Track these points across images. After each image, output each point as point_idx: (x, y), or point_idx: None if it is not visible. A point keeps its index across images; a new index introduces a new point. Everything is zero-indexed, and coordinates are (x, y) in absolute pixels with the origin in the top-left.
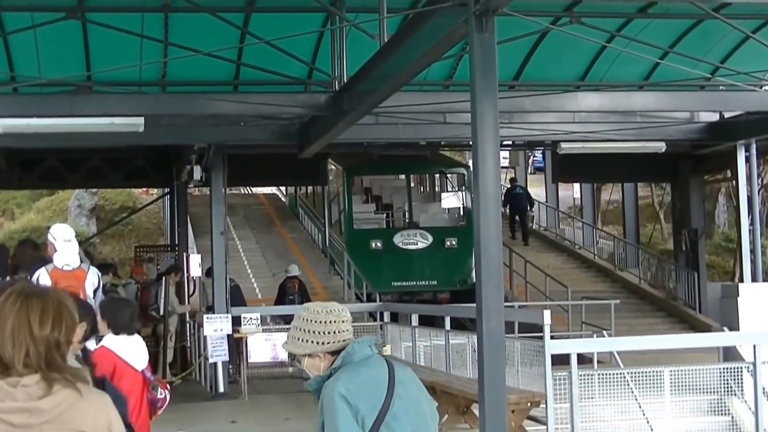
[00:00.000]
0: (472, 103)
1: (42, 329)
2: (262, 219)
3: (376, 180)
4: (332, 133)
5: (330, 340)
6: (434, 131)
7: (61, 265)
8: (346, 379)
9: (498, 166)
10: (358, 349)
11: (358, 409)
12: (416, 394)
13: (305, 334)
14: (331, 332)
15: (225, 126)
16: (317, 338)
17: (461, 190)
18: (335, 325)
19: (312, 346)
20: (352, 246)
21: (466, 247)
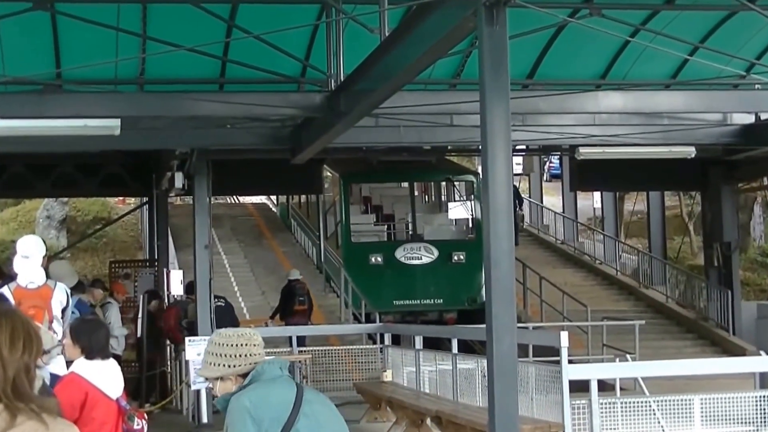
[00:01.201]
0: (482, 103)
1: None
2: (250, 231)
3: (376, 188)
4: (328, 137)
5: (241, 363)
6: (440, 135)
7: (25, 283)
8: (252, 393)
9: (510, 173)
10: (267, 368)
11: (261, 421)
12: (326, 415)
13: (217, 358)
14: (242, 355)
15: (209, 129)
16: (228, 361)
17: (470, 200)
18: (246, 348)
19: (223, 369)
20: (350, 261)
21: (476, 262)
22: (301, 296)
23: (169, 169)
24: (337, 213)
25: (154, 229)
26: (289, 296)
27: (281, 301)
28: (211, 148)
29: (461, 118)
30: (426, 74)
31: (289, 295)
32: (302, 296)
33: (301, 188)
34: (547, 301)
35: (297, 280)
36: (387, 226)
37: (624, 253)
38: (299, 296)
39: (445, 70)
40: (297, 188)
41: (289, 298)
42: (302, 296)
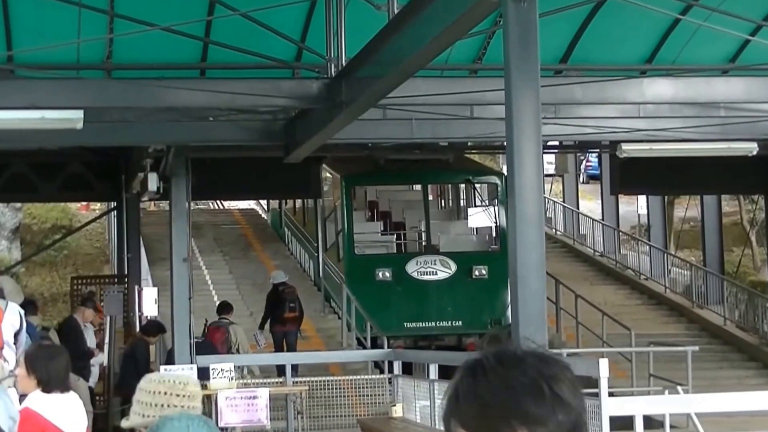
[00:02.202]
0: (507, 92)
1: None
2: (236, 242)
3: (383, 192)
4: (327, 132)
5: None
6: (458, 129)
7: None
8: None
9: (540, 174)
10: (164, 426)
11: None
12: None
13: (135, 405)
14: (157, 405)
15: (189, 122)
16: (143, 410)
17: (493, 205)
18: (164, 397)
19: (136, 418)
20: (353, 276)
21: (500, 277)
22: (292, 302)
23: (142, 169)
24: (338, 220)
25: (124, 240)
26: (277, 303)
27: (267, 307)
28: (191, 145)
29: (483, 110)
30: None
31: (276, 301)
32: (292, 302)
33: (295, 191)
34: (584, 324)
35: (285, 284)
36: (396, 236)
37: (674, 267)
38: (289, 302)
39: (464, 54)
40: (291, 191)
41: (277, 304)
42: (292, 302)
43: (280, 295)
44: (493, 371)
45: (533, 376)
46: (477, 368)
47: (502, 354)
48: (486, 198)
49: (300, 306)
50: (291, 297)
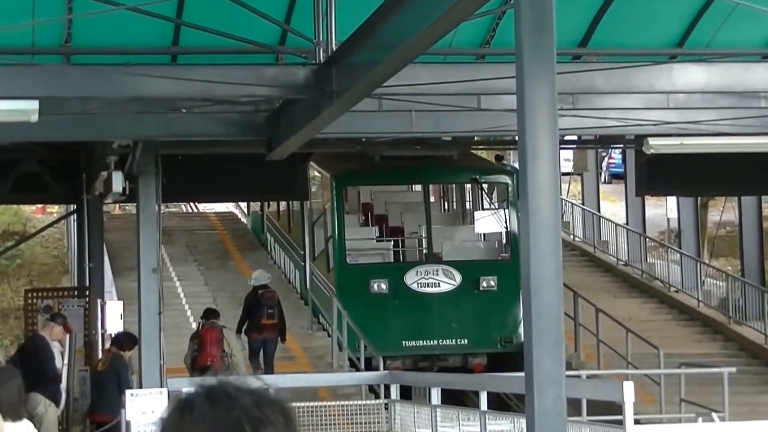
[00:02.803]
0: (519, 80)
1: None
2: (213, 249)
3: (379, 193)
4: (315, 125)
5: None
6: (463, 122)
7: None
8: None
9: (556, 173)
10: None
11: None
12: None
13: None
14: None
15: (158, 114)
16: None
17: (503, 208)
18: None
19: None
20: (345, 289)
21: (511, 289)
22: (270, 307)
23: (105, 167)
24: (328, 225)
25: (85, 248)
26: (255, 307)
27: (244, 312)
28: (161, 140)
29: (492, 100)
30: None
31: (254, 305)
32: (271, 307)
33: (279, 193)
34: (606, 342)
35: (265, 287)
36: (393, 243)
37: (708, 277)
38: (267, 307)
39: (470, 37)
40: (274, 193)
41: (254, 309)
42: (271, 307)
43: (258, 299)
44: (200, 409)
45: (238, 417)
46: (186, 404)
47: (214, 391)
48: (495, 200)
49: (280, 312)
50: (270, 302)
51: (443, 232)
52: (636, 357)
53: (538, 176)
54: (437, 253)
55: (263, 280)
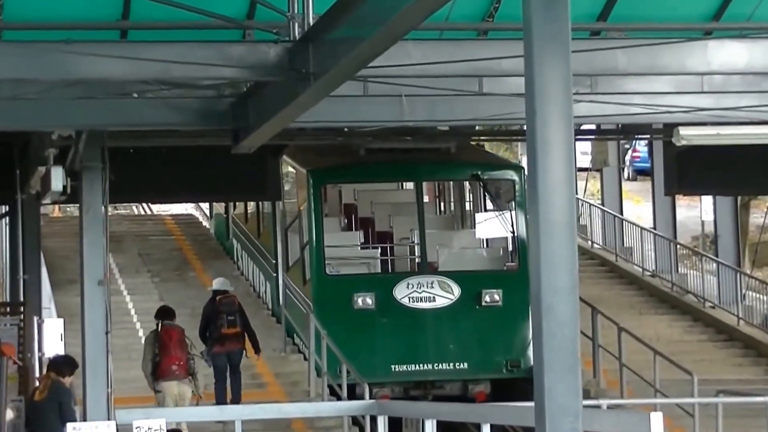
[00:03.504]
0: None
1: None
2: (169, 258)
3: (364, 192)
4: (289, 113)
5: None
6: (462, 108)
7: None
8: None
9: (571, 168)
10: None
11: None
12: None
13: None
14: None
15: (106, 100)
16: None
17: (510, 209)
18: None
19: None
20: (324, 304)
21: (519, 305)
22: (231, 314)
23: (43, 162)
24: (304, 230)
25: (18, 256)
26: (214, 315)
27: (203, 323)
28: (109, 130)
29: (495, 83)
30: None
31: (212, 313)
32: (232, 314)
33: (248, 192)
34: (631, 366)
35: (224, 293)
36: (381, 251)
37: (750, 291)
38: (227, 314)
39: (470, 9)
40: (242, 192)
41: (213, 318)
42: (232, 314)
43: (217, 307)
44: None
45: None
46: None
47: None
48: (500, 200)
49: (244, 319)
50: (229, 308)
51: (439, 238)
52: (666, 384)
53: (550, 172)
54: (432, 262)
55: (223, 285)
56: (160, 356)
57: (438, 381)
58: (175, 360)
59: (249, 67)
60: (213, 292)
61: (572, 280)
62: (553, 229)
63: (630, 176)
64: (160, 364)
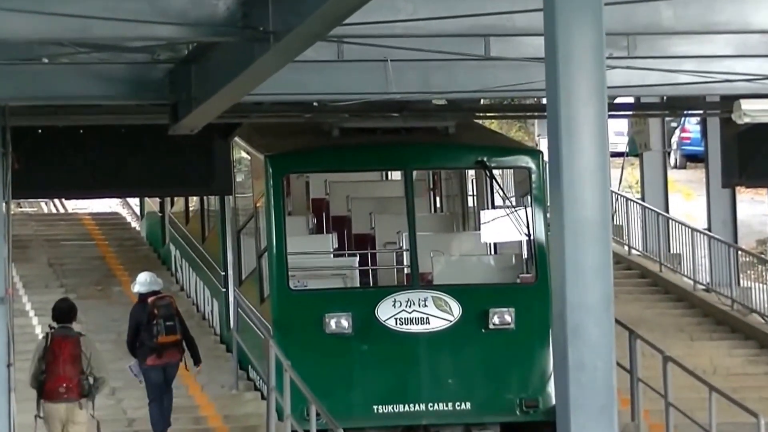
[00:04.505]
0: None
1: None
2: (89, 269)
3: (337, 184)
4: (243, 83)
5: None
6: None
7: None
8: None
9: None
10: None
11: None
12: None
13: None
14: None
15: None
16: None
17: (524, 205)
18: None
19: None
20: (288, 327)
21: (536, 327)
22: (169, 318)
23: None
24: (262, 232)
25: None
26: (147, 321)
27: (131, 331)
28: (12, 105)
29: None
30: None
31: (144, 319)
32: (170, 319)
33: (189, 184)
34: (679, 406)
35: (156, 294)
36: (360, 259)
37: None
38: (165, 318)
39: None
40: (181, 184)
41: (145, 324)
42: (170, 319)
43: (151, 310)
44: None
45: None
46: None
47: None
48: (512, 193)
49: (182, 325)
50: (167, 311)
51: (434, 243)
52: (725, 428)
53: (577, 158)
54: (425, 273)
55: (151, 285)
56: (46, 373)
57: (433, 425)
58: (63, 381)
59: (191, 24)
60: (140, 295)
61: (606, 296)
62: (582, 231)
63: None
64: (45, 382)
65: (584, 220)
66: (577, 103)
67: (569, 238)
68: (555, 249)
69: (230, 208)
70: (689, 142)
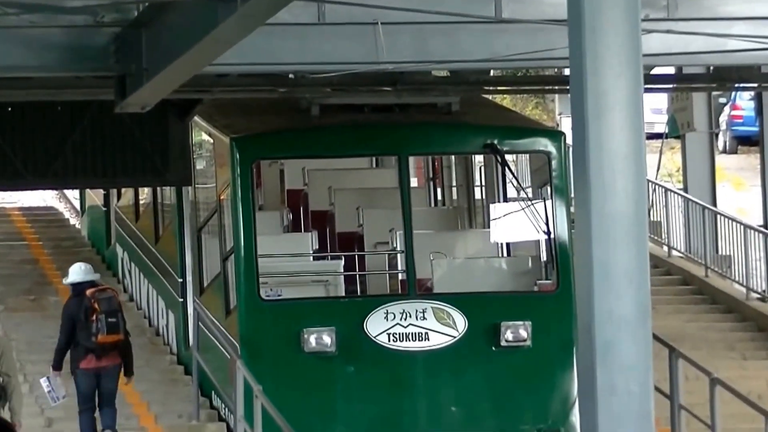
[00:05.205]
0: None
1: None
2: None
3: (318, 172)
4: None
5: None
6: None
7: None
8: None
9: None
10: None
11: None
12: None
13: None
14: None
15: None
16: None
17: (543, 198)
18: None
19: None
20: (258, 345)
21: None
22: (112, 314)
23: None
24: (227, 231)
25: None
26: (82, 317)
27: (64, 329)
28: None
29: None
30: None
31: (80, 315)
32: (113, 315)
33: (140, 173)
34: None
35: (92, 284)
36: (346, 262)
37: None
38: (107, 314)
39: None
40: (131, 173)
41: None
42: (113, 315)
43: (89, 304)
44: None
45: None
46: None
47: None
48: (527, 183)
49: (123, 323)
50: (108, 306)
51: (434, 242)
52: None
53: (606, 141)
54: (424, 279)
55: (85, 275)
56: None
57: None
58: None
59: None
60: (73, 286)
61: (642, 307)
62: (613, 229)
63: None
64: None
65: (615, 215)
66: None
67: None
68: (580, 250)
69: (189, 202)
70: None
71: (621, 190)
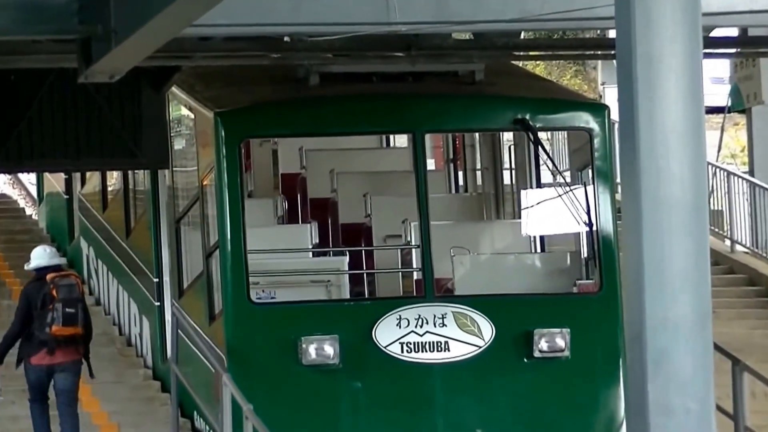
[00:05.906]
0: None
1: None
2: None
3: (317, 153)
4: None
5: None
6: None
7: None
8: None
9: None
10: None
11: None
12: None
13: None
14: None
15: None
16: None
17: (583, 183)
18: None
19: None
20: (248, 356)
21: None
22: (71, 304)
23: None
24: (211, 221)
25: None
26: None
27: (18, 318)
28: None
29: None
30: None
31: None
32: (72, 305)
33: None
34: None
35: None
36: (351, 259)
37: None
38: (65, 304)
39: None
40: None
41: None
42: (72, 305)
43: (48, 291)
44: None
45: None
46: None
47: None
48: (565, 166)
49: (85, 313)
50: (68, 294)
51: (456, 236)
52: None
53: (658, 116)
54: (443, 279)
55: (49, 259)
56: None
57: None
58: None
59: None
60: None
61: (701, 311)
62: (666, 220)
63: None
64: None
65: (670, 203)
66: (660, 38)
67: (648, 228)
68: (628, 245)
69: (166, 188)
70: None
71: (676, 173)
